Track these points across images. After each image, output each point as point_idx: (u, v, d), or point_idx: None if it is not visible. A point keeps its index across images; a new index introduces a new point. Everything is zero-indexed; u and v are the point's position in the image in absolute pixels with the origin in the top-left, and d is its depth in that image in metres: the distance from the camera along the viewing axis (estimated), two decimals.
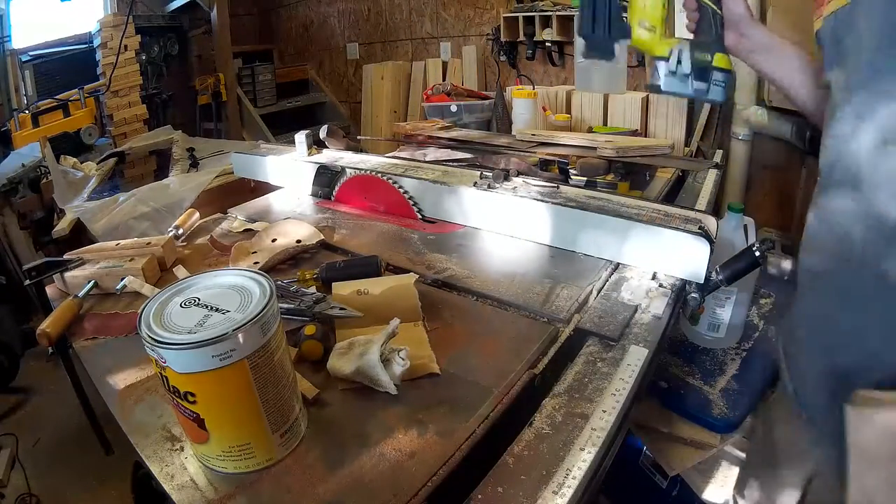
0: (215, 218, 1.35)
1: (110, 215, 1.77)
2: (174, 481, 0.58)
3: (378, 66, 3.45)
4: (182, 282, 0.60)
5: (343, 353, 0.71)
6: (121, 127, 3.10)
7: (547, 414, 0.64)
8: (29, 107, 2.84)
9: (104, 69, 3.07)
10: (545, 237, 1.06)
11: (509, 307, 0.87)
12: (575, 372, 0.72)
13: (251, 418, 0.56)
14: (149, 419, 0.67)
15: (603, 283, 0.93)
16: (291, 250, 1.06)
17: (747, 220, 1.02)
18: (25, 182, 2.23)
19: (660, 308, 0.84)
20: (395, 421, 0.64)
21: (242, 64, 3.83)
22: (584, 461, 0.57)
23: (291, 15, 4.14)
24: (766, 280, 1.38)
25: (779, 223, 2.18)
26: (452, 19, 3.20)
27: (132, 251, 1.04)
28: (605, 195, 1.09)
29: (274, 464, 0.59)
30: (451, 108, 2.25)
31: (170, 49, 3.57)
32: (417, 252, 1.07)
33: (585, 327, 0.81)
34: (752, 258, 0.85)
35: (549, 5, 2.59)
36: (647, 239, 0.93)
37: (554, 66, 2.82)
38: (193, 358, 0.51)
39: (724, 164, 1.95)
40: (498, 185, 1.15)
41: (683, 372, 1.10)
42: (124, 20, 3.04)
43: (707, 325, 1.12)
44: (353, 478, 0.57)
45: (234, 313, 0.54)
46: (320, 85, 4.12)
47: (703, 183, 1.44)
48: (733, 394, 1.04)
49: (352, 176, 1.33)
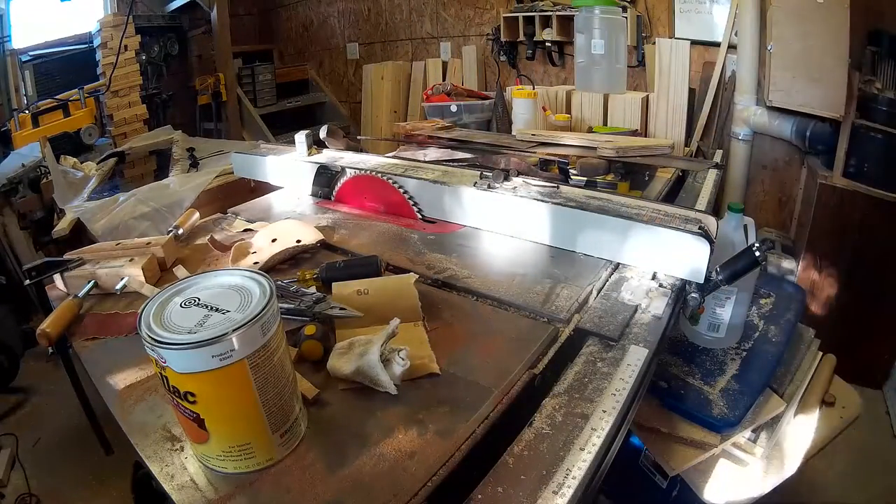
0: (215, 218, 1.35)
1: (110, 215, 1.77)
2: (174, 481, 0.58)
3: (378, 66, 3.45)
4: (182, 282, 0.60)
5: (343, 353, 0.71)
6: (121, 127, 3.10)
7: (547, 414, 0.64)
8: (29, 107, 2.84)
9: (104, 69, 3.07)
10: (545, 237, 1.06)
11: (509, 307, 0.87)
12: (575, 372, 0.72)
13: (251, 418, 0.56)
14: (149, 419, 0.67)
15: (603, 283, 0.93)
16: (291, 250, 1.06)
17: (747, 220, 1.02)
18: (25, 182, 2.23)
19: (660, 308, 0.84)
20: (395, 421, 0.64)
21: (242, 64, 3.83)
22: (584, 461, 0.57)
23: (291, 15, 4.14)
24: (766, 280, 1.39)
25: (779, 223, 2.18)
26: (452, 19, 3.20)
27: (132, 251, 1.04)
28: (605, 195, 1.09)
29: (274, 464, 0.59)
30: (451, 108, 2.25)
31: (170, 49, 3.56)
32: (417, 252, 1.07)
33: (585, 327, 0.81)
34: (752, 258, 0.85)
35: (549, 5, 2.59)
36: (647, 239, 0.93)
37: (554, 66, 2.82)
38: (193, 358, 0.51)
39: (724, 164, 1.95)
40: (498, 185, 1.15)
41: (683, 372, 1.10)
42: (124, 20, 3.04)
43: (707, 325, 1.11)
44: (353, 478, 0.57)
45: (234, 313, 0.54)
46: (320, 85, 4.12)
47: (703, 183, 1.44)
48: (733, 394, 1.04)
49: (352, 176, 1.33)
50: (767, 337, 1.18)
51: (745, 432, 1.05)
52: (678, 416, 1.05)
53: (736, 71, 2.10)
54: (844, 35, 1.68)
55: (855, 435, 1.22)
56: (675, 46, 2.24)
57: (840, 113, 1.72)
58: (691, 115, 2.30)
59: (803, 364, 1.21)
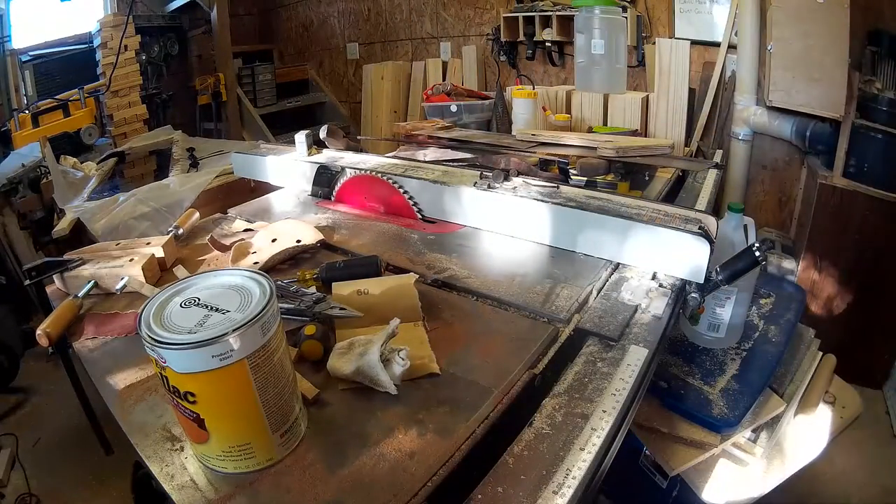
0: (215, 218, 1.35)
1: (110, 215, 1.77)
2: (174, 481, 0.58)
3: (378, 66, 3.45)
4: (182, 282, 0.60)
5: (343, 353, 0.71)
6: (121, 127, 3.10)
7: (547, 414, 0.64)
8: (29, 107, 2.84)
9: (104, 69, 3.07)
10: (545, 237, 1.06)
11: (509, 307, 0.87)
12: (575, 372, 0.72)
13: (251, 418, 0.56)
14: (149, 419, 0.67)
15: (603, 283, 0.93)
16: (291, 250, 1.06)
17: (747, 220, 1.02)
18: (25, 182, 2.23)
19: (660, 308, 0.84)
20: (395, 421, 0.64)
21: (242, 64, 3.83)
22: (584, 461, 0.57)
23: (291, 15, 4.14)
24: (766, 280, 1.39)
25: (779, 223, 2.18)
26: (452, 19, 3.20)
27: (132, 251, 1.04)
28: (605, 195, 1.09)
29: (274, 464, 0.59)
30: (451, 108, 2.25)
31: (170, 49, 3.56)
32: (417, 252, 1.07)
33: (585, 327, 0.81)
34: (752, 258, 0.85)
35: (549, 5, 2.59)
36: (647, 239, 0.93)
37: (554, 66, 2.82)
38: (193, 358, 0.51)
39: (724, 164, 1.95)
40: (498, 185, 1.15)
41: (683, 372, 1.10)
42: (124, 20, 3.04)
43: (707, 325, 1.11)
44: (353, 478, 0.57)
45: (234, 313, 0.54)
46: (320, 85, 4.12)
47: (703, 183, 1.44)
48: (733, 394, 1.04)
49: (352, 176, 1.33)
50: (767, 337, 1.18)
51: (745, 432, 1.05)
52: (678, 416, 1.06)
53: (736, 71, 2.10)
54: (844, 35, 1.68)
55: (855, 435, 1.23)
56: (675, 46, 2.24)
57: (840, 113, 1.72)
58: (691, 115, 2.30)
59: (803, 364, 1.21)
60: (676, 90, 2.27)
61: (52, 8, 3.17)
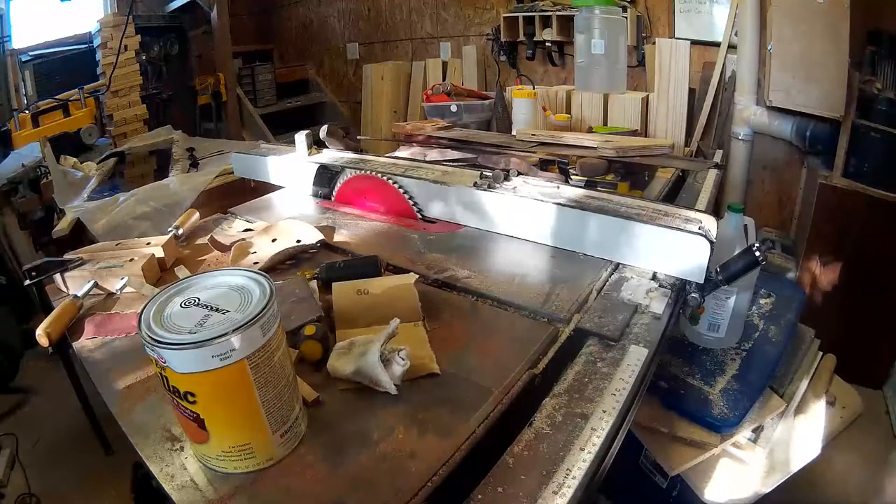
0: (215, 218, 1.35)
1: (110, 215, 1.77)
2: (174, 481, 0.58)
3: (378, 66, 3.45)
4: (182, 282, 0.60)
5: (343, 354, 0.71)
6: (121, 127, 3.10)
7: (547, 414, 0.64)
8: (29, 107, 2.83)
9: (104, 69, 3.06)
10: (545, 237, 1.06)
11: (509, 307, 0.87)
12: (575, 372, 0.72)
13: (251, 418, 0.56)
14: (149, 419, 0.67)
15: (603, 283, 0.93)
16: (291, 250, 1.06)
17: (747, 220, 1.02)
18: (25, 182, 2.23)
19: (660, 308, 0.84)
20: (395, 421, 0.64)
21: (242, 64, 3.83)
22: (584, 461, 0.57)
23: (291, 15, 4.14)
24: (765, 280, 1.39)
25: (779, 223, 2.18)
26: (452, 19, 3.20)
27: (132, 251, 1.04)
28: (605, 195, 1.09)
29: (274, 464, 0.59)
30: (451, 108, 2.25)
31: (170, 49, 3.56)
32: (417, 252, 1.07)
33: (585, 327, 0.81)
34: (752, 258, 0.85)
35: (549, 5, 2.59)
36: (647, 239, 0.93)
37: (554, 66, 2.82)
38: (193, 358, 0.51)
39: (724, 164, 1.95)
40: (498, 185, 1.15)
41: (683, 372, 1.10)
42: (124, 20, 3.03)
43: (707, 325, 1.11)
44: (353, 478, 0.57)
45: (234, 313, 0.54)
46: (320, 85, 4.12)
47: (703, 183, 1.44)
48: (733, 394, 1.04)
49: (352, 176, 1.33)
50: (767, 337, 1.18)
51: (745, 432, 1.05)
52: (678, 416, 1.06)
53: (736, 71, 2.10)
54: (844, 35, 1.68)
55: (855, 435, 1.22)
56: (675, 46, 2.24)
57: (840, 113, 1.72)
58: (691, 115, 2.30)
59: (803, 364, 1.21)
60: (676, 90, 2.27)
61: (52, 8, 3.17)
